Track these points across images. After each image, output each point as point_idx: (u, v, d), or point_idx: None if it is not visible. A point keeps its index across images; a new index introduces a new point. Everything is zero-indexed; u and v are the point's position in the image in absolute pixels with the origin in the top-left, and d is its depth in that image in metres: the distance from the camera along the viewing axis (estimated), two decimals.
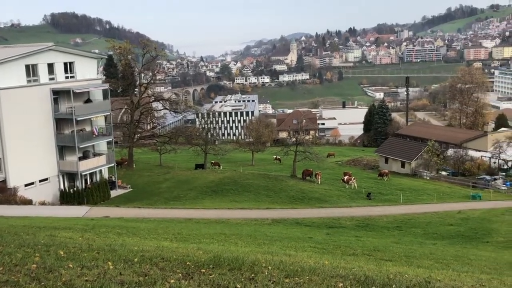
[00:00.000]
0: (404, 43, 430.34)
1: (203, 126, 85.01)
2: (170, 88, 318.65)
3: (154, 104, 73.47)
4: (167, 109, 72.74)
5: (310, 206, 46.06)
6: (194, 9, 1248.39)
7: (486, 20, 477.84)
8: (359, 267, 10.37)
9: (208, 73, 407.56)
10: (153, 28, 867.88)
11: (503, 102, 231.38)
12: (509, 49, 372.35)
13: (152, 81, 71.28)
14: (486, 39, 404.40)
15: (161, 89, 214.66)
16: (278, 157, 77.19)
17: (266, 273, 8.24)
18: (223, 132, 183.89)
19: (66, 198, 46.60)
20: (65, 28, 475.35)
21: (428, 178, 67.22)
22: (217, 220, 36.16)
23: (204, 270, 8.28)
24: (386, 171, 66.77)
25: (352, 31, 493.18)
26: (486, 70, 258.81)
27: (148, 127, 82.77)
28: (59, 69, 47.47)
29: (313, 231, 32.51)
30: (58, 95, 47.40)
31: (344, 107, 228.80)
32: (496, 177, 64.70)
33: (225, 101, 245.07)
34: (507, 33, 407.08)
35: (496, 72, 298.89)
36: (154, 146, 75.21)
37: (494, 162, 69.63)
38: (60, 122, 48.07)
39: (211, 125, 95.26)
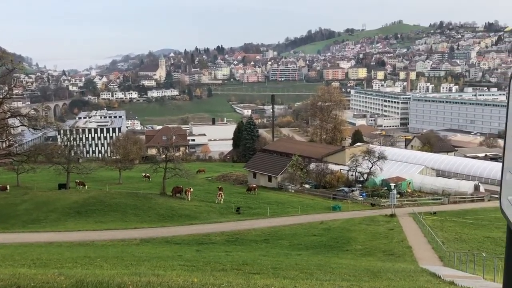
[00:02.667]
0: (270, 63, 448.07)
1: (66, 143, 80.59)
2: (29, 103, 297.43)
3: (11, 121, 67.98)
4: (25, 125, 67.62)
5: (180, 223, 45.68)
6: (55, 21, 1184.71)
7: (342, 43, 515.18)
8: (228, 283, 10.46)
9: (71, 88, 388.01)
10: (10, 40, 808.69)
11: (358, 119, 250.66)
12: (363, 70, 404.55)
13: (8, 95, 66.03)
14: (343, 61, 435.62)
15: (18, 104, 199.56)
16: (147, 174, 75.60)
17: None
18: (87, 149, 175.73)
19: None
20: None
21: (293, 191, 70.21)
22: (81, 243, 34.39)
23: None
24: (254, 185, 68.56)
25: (220, 49, 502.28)
26: (343, 89, 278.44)
27: (4, 145, 76.39)
28: None
29: (183, 249, 32.25)
30: None
31: (213, 123, 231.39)
32: (353, 188, 69.44)
33: (89, 117, 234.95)
34: (361, 55, 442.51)
35: (352, 91, 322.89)
36: (10, 165, 69.61)
37: (352, 175, 74.71)
38: None
39: (74, 142, 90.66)
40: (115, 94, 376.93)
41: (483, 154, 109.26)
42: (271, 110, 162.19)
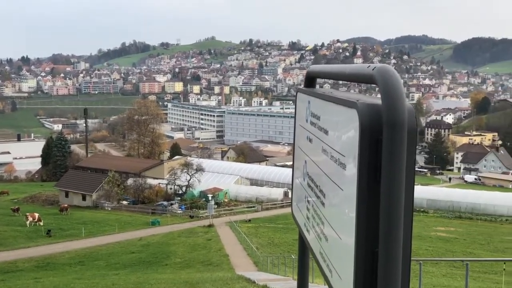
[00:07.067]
0: (81, 75, 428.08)
1: None
2: None
3: None
4: None
5: None
6: None
7: (158, 57, 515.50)
8: None
9: None
10: None
11: (176, 132, 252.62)
12: (180, 84, 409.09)
13: None
14: (159, 74, 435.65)
15: None
16: None
17: None
18: None
19: None
20: None
21: (109, 209, 67.72)
22: None
23: None
24: (66, 205, 64.58)
25: (25, 60, 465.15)
26: (160, 103, 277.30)
27: None
28: None
29: None
30: None
31: (19, 140, 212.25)
32: (172, 202, 69.54)
33: None
34: (177, 69, 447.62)
35: (169, 105, 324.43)
36: None
37: (171, 188, 74.83)
38: None
39: None
40: None
41: (290, 163, 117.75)
42: (84, 125, 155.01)
